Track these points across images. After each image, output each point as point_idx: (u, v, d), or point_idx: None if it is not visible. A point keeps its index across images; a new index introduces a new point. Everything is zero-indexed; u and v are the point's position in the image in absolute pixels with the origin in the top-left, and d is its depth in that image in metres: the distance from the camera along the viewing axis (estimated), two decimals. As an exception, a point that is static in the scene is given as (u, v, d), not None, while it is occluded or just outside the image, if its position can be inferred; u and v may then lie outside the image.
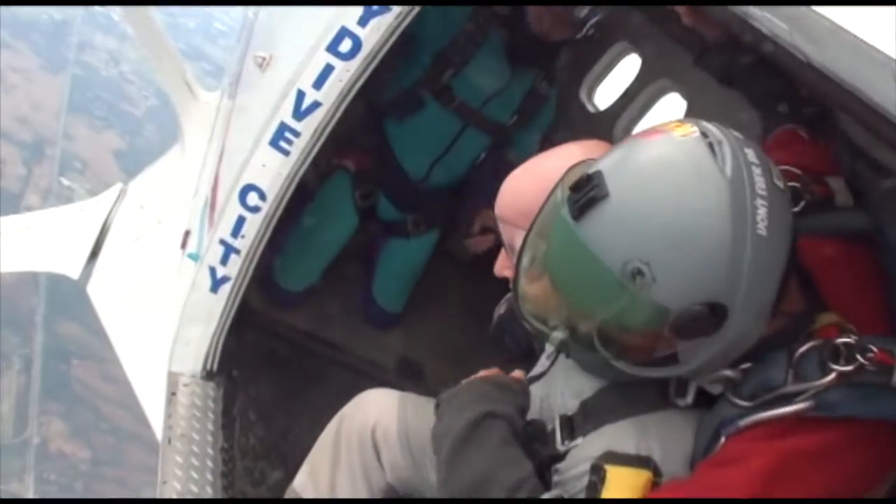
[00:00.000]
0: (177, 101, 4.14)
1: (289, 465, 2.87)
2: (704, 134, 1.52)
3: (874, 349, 1.50)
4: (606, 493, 1.63)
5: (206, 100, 4.10)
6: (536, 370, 2.00)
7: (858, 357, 1.50)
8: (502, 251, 2.06)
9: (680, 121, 1.59)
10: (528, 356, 2.17)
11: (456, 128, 3.42)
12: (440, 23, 3.19)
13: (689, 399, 1.68)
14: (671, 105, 3.63)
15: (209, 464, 2.90)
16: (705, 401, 1.67)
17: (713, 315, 1.47)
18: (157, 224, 3.73)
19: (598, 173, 1.52)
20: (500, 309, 2.33)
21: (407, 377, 3.62)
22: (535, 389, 1.94)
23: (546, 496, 1.66)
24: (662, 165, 1.50)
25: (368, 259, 3.76)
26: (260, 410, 3.23)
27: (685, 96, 3.46)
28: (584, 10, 3.49)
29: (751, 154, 1.50)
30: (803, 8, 1.24)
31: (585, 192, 1.51)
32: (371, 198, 3.57)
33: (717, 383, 1.64)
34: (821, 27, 1.22)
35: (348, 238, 3.61)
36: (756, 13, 1.30)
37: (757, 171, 1.48)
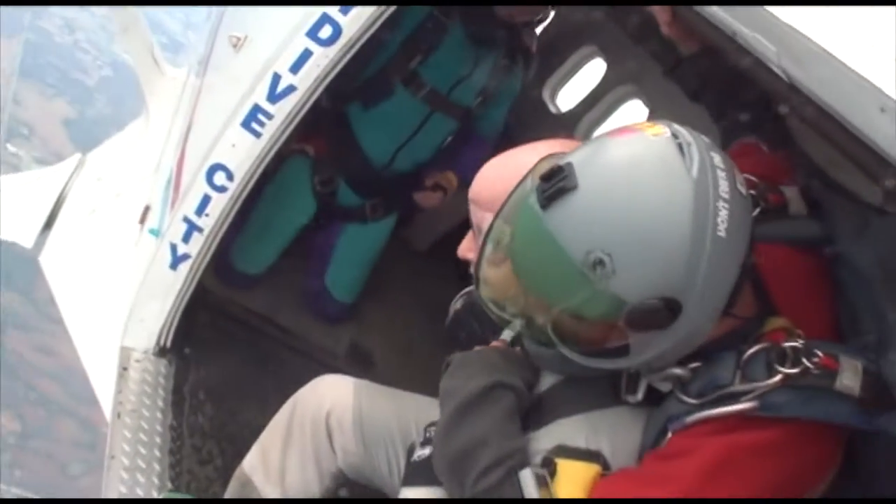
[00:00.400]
0: (142, 76, 4.08)
1: (237, 446, 2.86)
2: (675, 135, 1.56)
3: (820, 354, 1.56)
4: (557, 486, 1.67)
5: (172, 75, 4.05)
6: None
7: (804, 360, 1.55)
8: (469, 233, 2.09)
9: (652, 122, 1.64)
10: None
11: (423, 114, 3.40)
12: (413, 9, 3.17)
13: (640, 396, 1.73)
14: (634, 110, 3.69)
15: (157, 440, 2.88)
16: (655, 398, 1.72)
17: (667, 309, 1.51)
18: (116, 197, 3.68)
19: (569, 165, 1.55)
20: (457, 304, 2.31)
21: (357, 365, 3.61)
22: None
23: (529, 471, 1.69)
24: (632, 162, 1.54)
25: (323, 246, 3.71)
26: (210, 390, 3.21)
27: (648, 103, 3.52)
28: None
29: (717, 158, 1.55)
30: (790, 29, 1.28)
31: (555, 183, 1.54)
32: (331, 184, 3.54)
33: (666, 381, 1.68)
34: (808, 50, 1.27)
35: (305, 223, 3.59)
36: (745, 32, 1.34)
37: (722, 174, 1.53)
